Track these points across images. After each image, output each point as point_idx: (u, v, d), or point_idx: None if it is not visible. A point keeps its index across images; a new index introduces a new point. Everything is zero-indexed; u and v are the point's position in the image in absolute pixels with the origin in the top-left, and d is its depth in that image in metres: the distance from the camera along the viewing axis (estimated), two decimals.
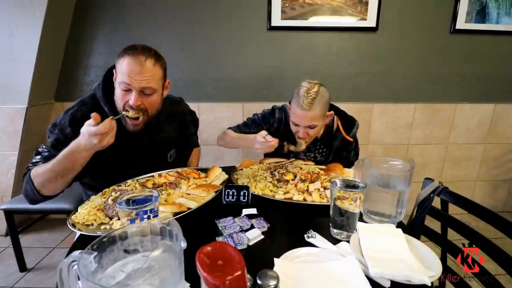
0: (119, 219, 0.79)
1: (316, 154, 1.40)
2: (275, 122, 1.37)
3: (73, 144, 0.87)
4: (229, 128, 1.42)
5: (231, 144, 1.36)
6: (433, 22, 2.05)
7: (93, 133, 0.82)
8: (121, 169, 1.07)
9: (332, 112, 1.28)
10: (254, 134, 1.18)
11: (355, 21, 2.00)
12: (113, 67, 1.05)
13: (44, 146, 1.01)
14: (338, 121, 1.35)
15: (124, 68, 0.95)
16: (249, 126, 1.39)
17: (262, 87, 2.11)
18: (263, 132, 1.14)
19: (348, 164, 1.39)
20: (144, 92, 0.98)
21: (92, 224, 0.81)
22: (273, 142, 1.10)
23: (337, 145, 1.36)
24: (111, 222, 0.81)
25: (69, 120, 1.00)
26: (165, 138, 1.19)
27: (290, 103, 1.27)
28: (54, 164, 0.89)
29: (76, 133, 0.95)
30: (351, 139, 1.34)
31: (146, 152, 1.14)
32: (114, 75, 1.01)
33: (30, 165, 0.98)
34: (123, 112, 0.98)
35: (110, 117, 0.87)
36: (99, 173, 1.04)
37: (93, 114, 0.83)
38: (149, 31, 1.99)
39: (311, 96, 1.14)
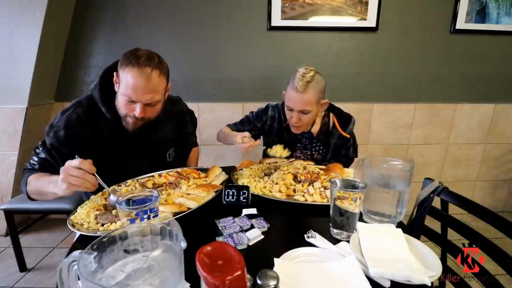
0: (111, 224, 0.79)
1: (313, 152, 1.40)
2: (268, 120, 1.39)
3: (53, 177, 0.90)
4: (228, 125, 1.44)
5: (222, 140, 1.39)
6: (433, 22, 2.05)
7: (67, 167, 0.80)
8: (121, 169, 1.07)
9: (327, 100, 1.29)
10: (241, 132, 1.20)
11: (355, 21, 2.00)
12: (111, 68, 1.04)
13: (41, 148, 1.02)
14: (334, 118, 1.36)
15: (129, 82, 0.93)
16: (244, 124, 1.43)
17: (262, 87, 2.11)
18: (246, 133, 1.16)
19: (348, 161, 1.40)
20: (149, 104, 0.99)
21: (83, 225, 0.80)
22: (247, 145, 1.11)
23: (334, 143, 1.36)
24: (101, 228, 0.79)
25: (64, 122, 1.00)
26: (163, 137, 1.19)
27: (285, 91, 1.28)
28: (38, 185, 0.95)
29: (68, 136, 0.99)
30: (347, 136, 1.34)
31: (145, 151, 1.14)
32: (115, 77, 1.00)
33: (29, 165, 1.02)
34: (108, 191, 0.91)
35: (98, 180, 0.84)
36: (98, 172, 1.04)
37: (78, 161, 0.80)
38: (149, 31, 1.99)
39: (306, 79, 1.16)
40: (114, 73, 1.00)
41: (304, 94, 1.17)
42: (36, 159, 1.01)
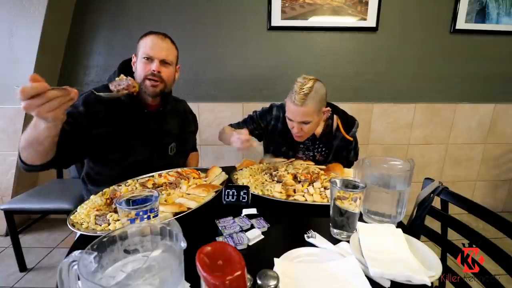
0: (109, 224, 0.78)
1: (315, 153, 1.40)
2: (272, 120, 1.38)
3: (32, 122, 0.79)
4: (230, 125, 1.44)
5: (223, 140, 1.38)
6: (433, 22, 2.05)
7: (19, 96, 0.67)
8: (125, 154, 1.11)
9: (328, 108, 1.28)
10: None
11: (355, 21, 2.00)
12: (127, 60, 1.19)
13: None
14: (338, 120, 1.35)
15: (148, 43, 1.09)
16: (247, 123, 1.41)
17: (262, 87, 2.11)
18: (244, 130, 1.16)
19: (348, 164, 1.39)
20: (164, 62, 1.11)
21: (82, 224, 0.80)
22: (244, 137, 1.11)
23: (337, 145, 1.35)
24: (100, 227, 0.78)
25: (82, 100, 1.06)
26: (168, 130, 1.25)
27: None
28: (27, 132, 0.81)
29: (88, 113, 1.04)
30: (351, 138, 1.33)
31: (151, 140, 1.18)
32: (133, 59, 1.14)
33: None
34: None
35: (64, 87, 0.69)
36: (102, 155, 1.07)
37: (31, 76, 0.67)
38: None
39: (303, 92, 1.14)
40: (133, 55, 1.15)
41: (302, 107, 1.15)
42: None
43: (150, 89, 1.10)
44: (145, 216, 0.64)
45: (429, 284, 0.58)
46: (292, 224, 0.87)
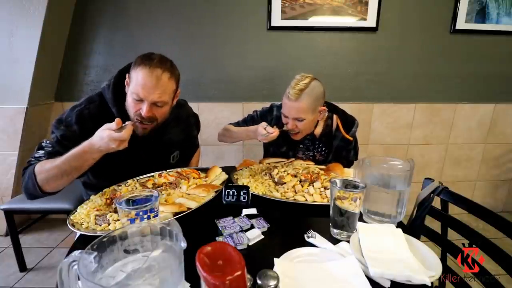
0: (109, 224, 0.78)
1: (315, 153, 1.40)
2: (273, 120, 1.39)
3: (85, 144, 0.86)
4: (230, 124, 1.44)
5: (234, 138, 1.38)
6: (433, 22, 2.05)
7: (114, 138, 0.81)
8: (124, 170, 1.07)
9: (324, 107, 1.27)
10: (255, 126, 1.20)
11: (355, 21, 2.00)
12: (124, 69, 1.06)
13: (48, 142, 0.99)
14: (337, 120, 1.35)
15: (139, 80, 0.95)
16: (247, 122, 1.42)
17: (262, 87, 2.11)
18: (264, 124, 1.16)
19: (348, 164, 1.39)
20: (156, 104, 1.00)
21: (82, 224, 0.80)
22: (274, 133, 1.13)
23: (337, 145, 1.35)
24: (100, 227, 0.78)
25: (76, 117, 1.00)
26: (170, 140, 1.20)
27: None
28: (63, 162, 0.88)
29: (83, 131, 0.96)
30: (351, 138, 1.33)
31: (152, 153, 1.14)
32: (127, 79, 1.02)
33: (32, 159, 0.96)
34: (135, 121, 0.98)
35: (130, 122, 0.85)
36: (102, 172, 1.04)
37: (117, 120, 0.82)
38: (149, 31, 1.99)
39: (299, 87, 1.15)
40: (127, 75, 1.02)
41: (296, 102, 1.16)
42: (42, 152, 0.96)
43: (140, 130, 1.03)
44: (145, 216, 0.64)
45: (429, 284, 0.58)
46: (292, 224, 0.87)
